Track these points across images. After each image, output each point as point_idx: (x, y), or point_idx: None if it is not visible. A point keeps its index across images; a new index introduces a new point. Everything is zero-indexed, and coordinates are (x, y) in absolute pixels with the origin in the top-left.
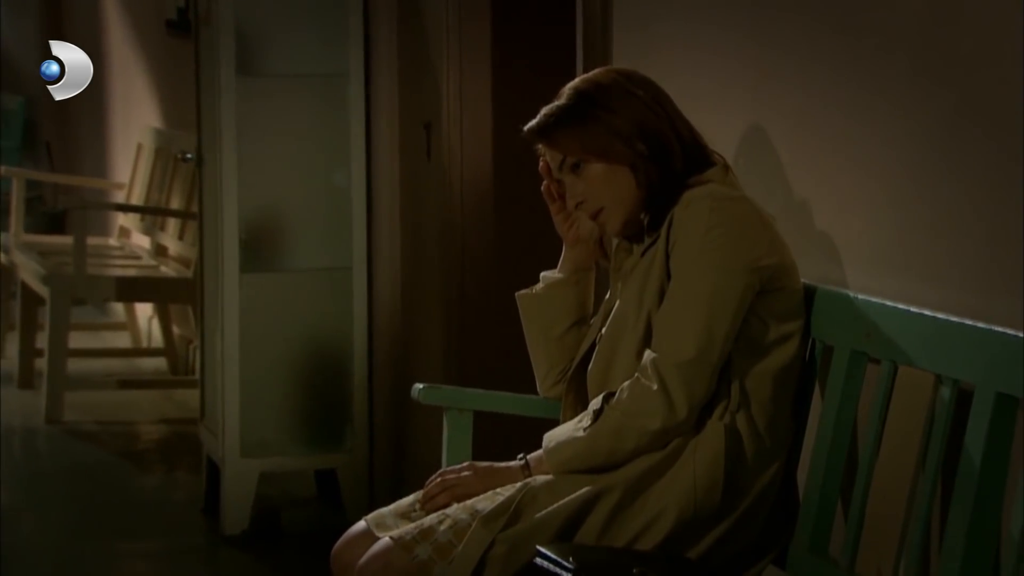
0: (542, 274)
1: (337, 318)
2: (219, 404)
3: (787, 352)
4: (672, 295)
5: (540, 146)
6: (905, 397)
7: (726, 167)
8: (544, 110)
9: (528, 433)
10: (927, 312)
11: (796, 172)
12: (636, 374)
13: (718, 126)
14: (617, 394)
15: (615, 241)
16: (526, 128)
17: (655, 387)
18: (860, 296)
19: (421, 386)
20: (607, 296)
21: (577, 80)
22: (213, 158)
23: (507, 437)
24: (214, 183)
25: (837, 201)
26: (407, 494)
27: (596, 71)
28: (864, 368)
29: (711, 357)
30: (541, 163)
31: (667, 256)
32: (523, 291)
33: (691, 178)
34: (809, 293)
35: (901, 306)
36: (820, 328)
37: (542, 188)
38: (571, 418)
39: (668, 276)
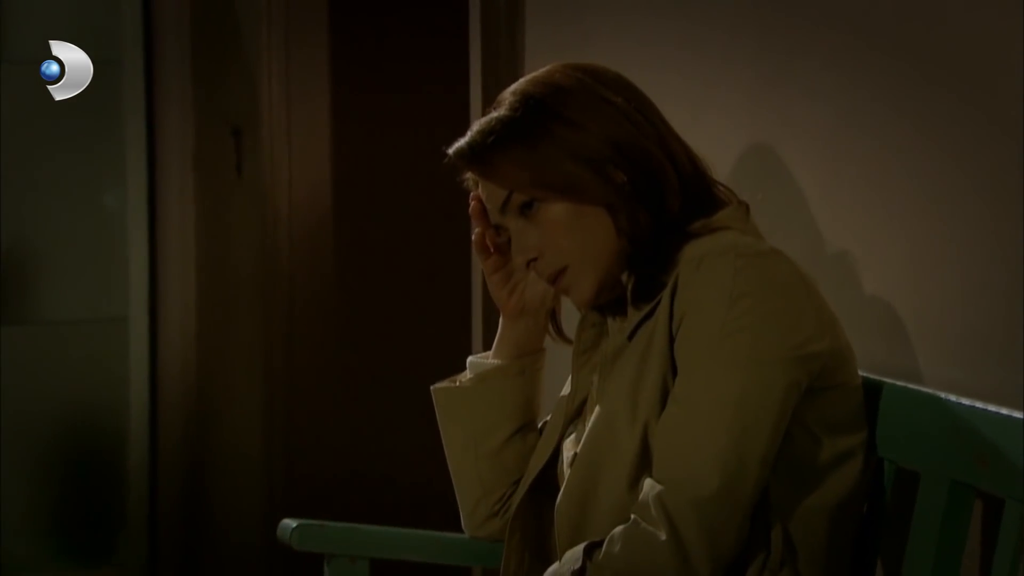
0: (470, 360)
1: (108, 386)
2: None
3: (847, 478)
4: (682, 398)
5: (470, 177)
6: None
7: (744, 208)
8: (477, 125)
9: None
10: None
11: (826, 213)
12: (632, 515)
13: (700, 144)
14: (605, 545)
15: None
16: (452, 150)
17: (663, 536)
18: (964, 401)
19: (294, 524)
20: (566, 391)
21: (523, 81)
22: None
23: None
24: None
25: (897, 255)
26: None
27: (549, 68)
28: (971, 508)
29: (742, 490)
30: (472, 201)
31: (671, 338)
32: (442, 384)
33: (695, 223)
34: (871, 391)
35: None
36: (893, 444)
37: (473, 238)
38: (516, 569)
39: (673, 369)
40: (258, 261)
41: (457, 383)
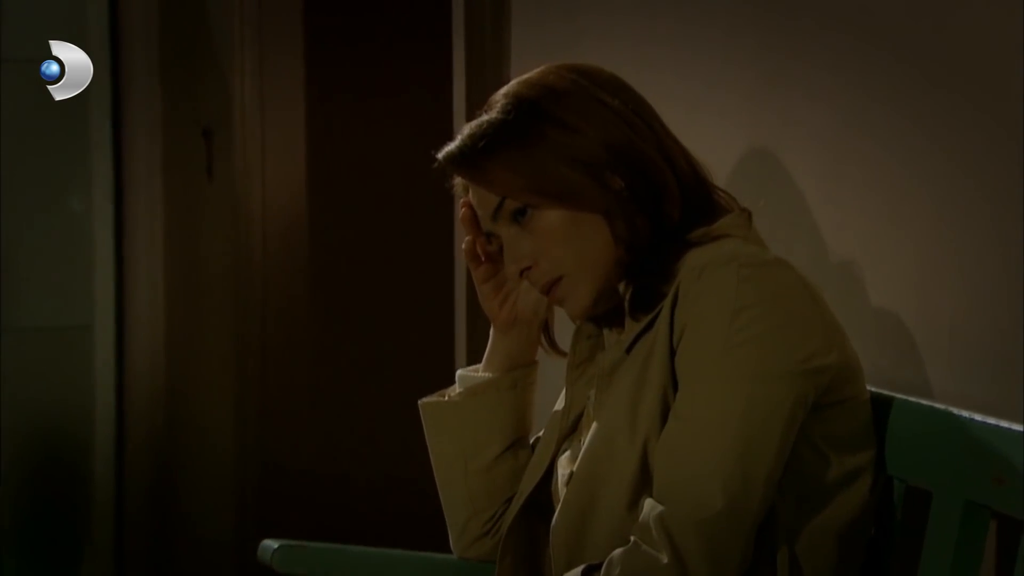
0: (459, 373)
1: (72, 397)
2: None
3: (855, 498)
4: (684, 414)
5: (459, 182)
6: None
7: (747, 215)
8: (468, 128)
9: None
10: None
11: (829, 219)
12: (632, 537)
13: (699, 148)
14: (604, 569)
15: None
16: (442, 155)
17: (665, 559)
18: (979, 417)
19: (275, 545)
20: (559, 406)
21: (514, 83)
22: None
23: None
24: None
25: (904, 262)
26: None
27: (542, 70)
28: (987, 529)
29: (747, 510)
30: (462, 208)
31: (671, 351)
32: (430, 398)
33: (695, 231)
34: (879, 406)
35: None
36: (903, 462)
37: (463, 246)
38: None
39: (674, 383)
40: (230, 266)
41: (446, 397)
